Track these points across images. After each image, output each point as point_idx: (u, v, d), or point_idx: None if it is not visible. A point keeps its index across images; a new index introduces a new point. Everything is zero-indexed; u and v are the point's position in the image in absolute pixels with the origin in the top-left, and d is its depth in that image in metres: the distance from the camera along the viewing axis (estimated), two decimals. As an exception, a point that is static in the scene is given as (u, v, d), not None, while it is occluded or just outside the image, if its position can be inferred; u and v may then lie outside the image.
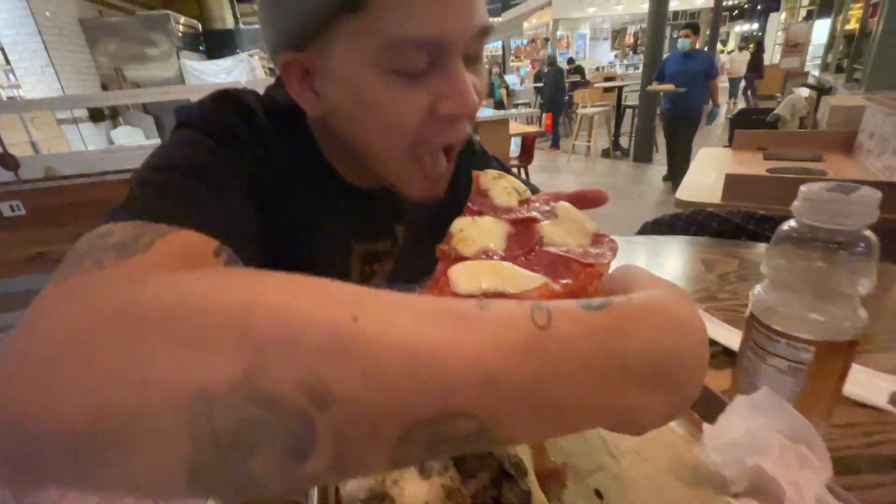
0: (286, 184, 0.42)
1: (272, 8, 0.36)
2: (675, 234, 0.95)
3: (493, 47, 16.51)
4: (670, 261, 0.69)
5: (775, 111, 2.84)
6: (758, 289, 0.33)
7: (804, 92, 3.26)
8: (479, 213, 0.33)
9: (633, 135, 5.45)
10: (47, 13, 4.31)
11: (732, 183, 1.42)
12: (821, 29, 6.80)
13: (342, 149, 0.43)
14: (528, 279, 0.27)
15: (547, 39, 11.42)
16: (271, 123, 0.42)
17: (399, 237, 0.55)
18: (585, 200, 0.35)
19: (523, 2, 12.72)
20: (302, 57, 0.37)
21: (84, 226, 0.30)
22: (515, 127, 4.09)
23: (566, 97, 6.64)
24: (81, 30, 4.77)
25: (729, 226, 0.91)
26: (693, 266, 0.66)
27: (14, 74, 4.55)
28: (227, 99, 0.40)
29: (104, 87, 4.95)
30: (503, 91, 7.89)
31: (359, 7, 0.32)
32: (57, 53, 4.36)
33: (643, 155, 5.13)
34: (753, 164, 1.88)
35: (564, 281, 0.27)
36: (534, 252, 0.30)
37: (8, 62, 4.44)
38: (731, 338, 0.46)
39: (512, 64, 13.10)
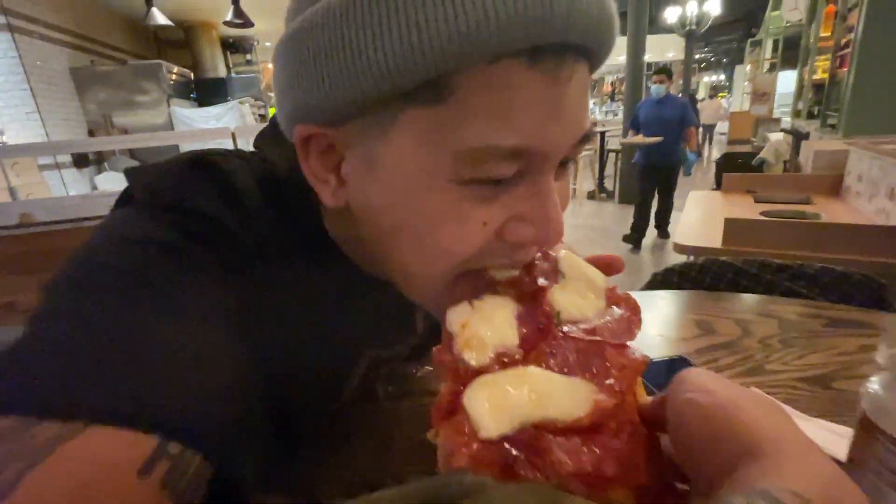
0: (284, 280, 0.33)
1: (299, 73, 0.26)
2: (688, 287, 0.90)
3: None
4: (699, 321, 0.64)
5: (760, 155, 2.93)
6: (874, 385, 0.27)
7: (779, 136, 3.39)
8: (473, 290, 0.27)
9: (618, 177, 5.58)
10: (38, 62, 4.33)
11: (732, 227, 1.40)
12: (785, 79, 7.27)
13: (358, 237, 0.34)
14: (569, 393, 0.22)
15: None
16: (265, 201, 0.32)
17: (417, 326, 0.46)
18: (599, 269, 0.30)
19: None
20: (332, 133, 0.28)
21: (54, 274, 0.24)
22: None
23: None
24: (71, 78, 4.79)
25: (744, 276, 0.87)
26: (727, 328, 0.60)
27: (-2, 121, 4.51)
28: (205, 171, 0.30)
29: (91, 134, 4.92)
30: None
31: (442, 96, 0.24)
32: (44, 100, 4.34)
33: (628, 196, 5.22)
34: (746, 207, 1.88)
35: (608, 382, 0.22)
36: (556, 339, 0.24)
37: (-7, 109, 4.41)
38: (819, 435, 0.39)
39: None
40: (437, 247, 0.28)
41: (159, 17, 4.41)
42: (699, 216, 1.82)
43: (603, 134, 5.94)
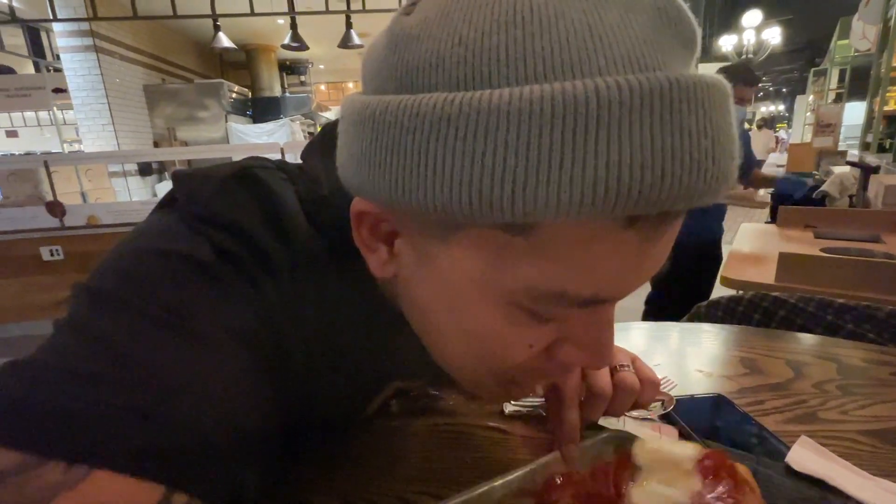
0: (316, 306, 0.30)
1: (383, 163, 0.22)
2: (734, 322, 0.83)
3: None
4: (745, 358, 0.58)
5: (822, 188, 2.73)
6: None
7: (845, 169, 3.16)
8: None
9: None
10: (117, 79, 4.75)
11: (788, 262, 1.30)
12: (852, 110, 6.84)
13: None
14: None
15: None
16: (305, 221, 0.30)
17: None
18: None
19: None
20: (390, 216, 0.26)
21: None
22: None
23: None
24: (143, 94, 5.22)
25: (801, 315, 0.79)
26: (776, 369, 0.54)
27: (78, 131, 4.96)
28: (249, 185, 0.29)
29: (156, 145, 5.31)
30: None
31: (518, 231, 0.21)
32: (118, 114, 4.74)
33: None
34: (804, 243, 1.75)
35: None
36: None
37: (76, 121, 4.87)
38: (882, 498, 0.33)
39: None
40: (475, 356, 0.27)
41: (225, 41, 4.74)
42: (750, 250, 1.71)
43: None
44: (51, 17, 3.19)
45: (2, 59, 7.25)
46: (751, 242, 1.80)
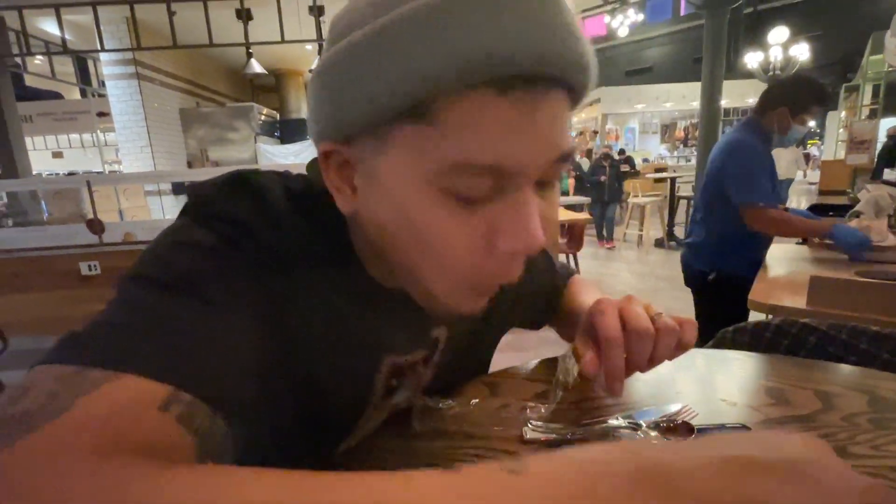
0: (308, 284, 0.36)
1: (325, 92, 0.32)
2: (761, 349, 0.81)
3: (542, 138, 17.42)
4: (771, 388, 0.56)
5: (855, 208, 2.63)
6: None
7: (881, 188, 3.03)
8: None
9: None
10: (155, 104, 5.02)
11: (820, 286, 1.26)
12: (888, 126, 6.62)
13: (375, 257, 0.38)
14: None
15: (595, 132, 11.83)
16: (295, 212, 0.36)
17: (440, 343, 0.48)
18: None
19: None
20: (347, 150, 0.32)
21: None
22: (564, 213, 4.08)
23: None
24: (179, 117, 5.48)
25: (833, 343, 0.77)
26: (803, 400, 0.52)
27: (118, 152, 5.24)
28: (241, 185, 0.35)
29: (189, 165, 5.54)
30: (570, 181, 7.10)
31: (428, 118, 0.28)
32: (155, 136, 4.99)
33: (701, 246, 4.92)
34: (838, 265, 1.68)
35: None
36: None
37: (117, 142, 5.15)
38: None
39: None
40: (429, 250, 0.31)
41: (256, 67, 4.97)
42: (780, 272, 1.66)
43: (673, 180, 5.71)
44: (99, 48, 3.41)
45: (51, 86, 7.76)
46: (780, 264, 1.74)
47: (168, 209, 5.18)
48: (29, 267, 3.10)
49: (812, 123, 1.73)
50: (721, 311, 1.52)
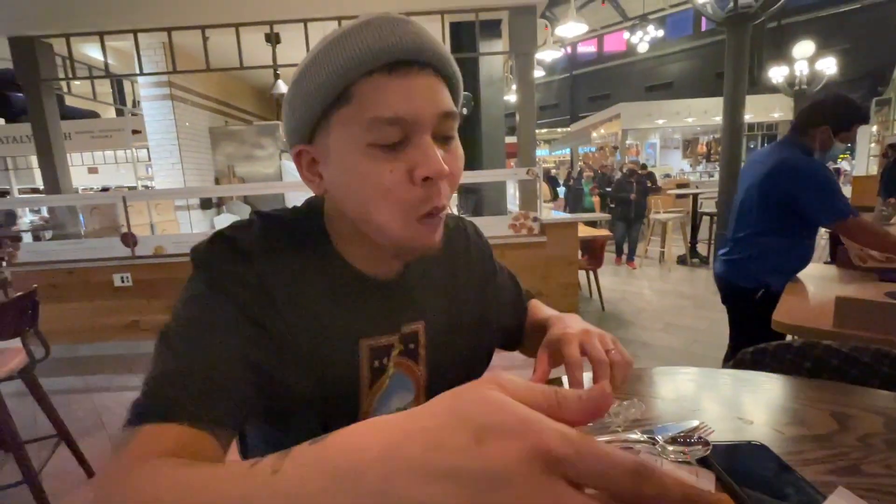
0: (294, 285, 0.47)
1: (289, 111, 0.46)
2: (782, 371, 0.80)
3: (561, 153, 17.33)
4: (788, 408, 0.57)
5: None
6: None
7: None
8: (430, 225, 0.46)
9: (713, 242, 5.18)
10: (187, 123, 5.24)
11: (846, 307, 1.23)
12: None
13: (352, 233, 0.49)
14: None
15: (615, 147, 11.77)
16: (269, 232, 0.49)
17: (419, 337, 0.56)
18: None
19: (591, 115, 13.46)
20: (310, 148, 0.47)
21: (173, 299, 0.45)
22: (584, 230, 4.06)
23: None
24: (209, 135, 5.69)
25: (856, 366, 0.76)
26: (820, 420, 0.52)
27: (151, 169, 5.46)
28: (219, 241, 0.47)
29: (217, 181, 5.73)
30: (595, 198, 6.85)
31: (348, 100, 0.43)
32: (186, 153, 5.20)
33: (725, 263, 4.80)
34: (867, 286, 1.64)
35: None
36: None
37: (149, 159, 5.38)
38: None
39: (579, 168, 13.53)
40: (373, 189, 0.43)
41: (283, 87, 5.15)
42: (807, 292, 1.62)
43: (696, 196, 5.62)
44: (138, 72, 3.60)
45: (91, 106, 8.17)
46: (807, 283, 1.71)
47: (196, 223, 5.35)
48: (66, 278, 3.25)
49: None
50: (765, 330, 1.43)
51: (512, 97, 6.04)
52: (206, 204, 5.57)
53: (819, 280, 1.73)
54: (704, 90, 11.91)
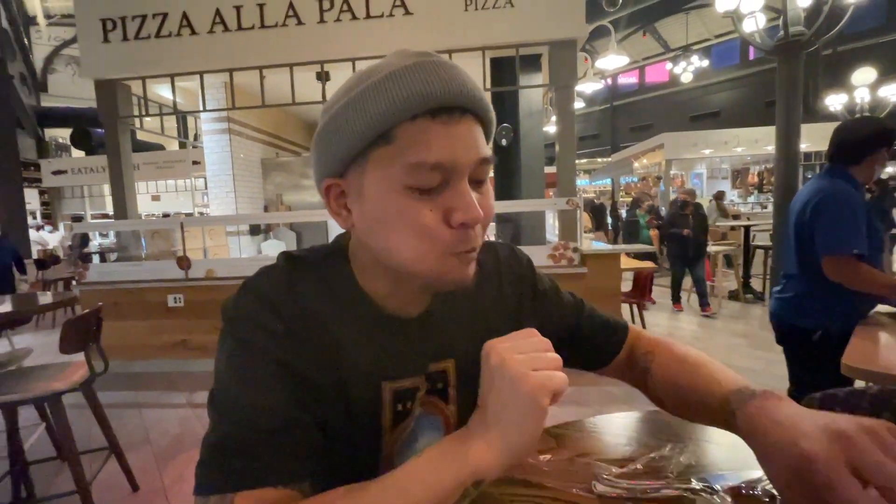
0: (319, 329, 0.47)
1: (323, 145, 0.46)
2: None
3: (602, 183, 17.10)
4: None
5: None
6: None
7: None
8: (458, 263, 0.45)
9: (768, 277, 4.88)
10: (241, 154, 5.60)
11: (928, 352, 1.11)
12: None
13: (374, 268, 0.49)
14: None
15: (659, 178, 11.50)
16: (292, 276, 0.49)
17: (448, 376, 0.53)
18: None
19: (632, 145, 13.29)
20: (341, 181, 0.47)
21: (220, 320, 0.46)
22: (628, 262, 3.93)
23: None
24: (261, 166, 6.04)
25: (945, 417, 0.68)
26: None
27: (207, 197, 5.84)
28: (244, 294, 0.48)
29: (266, 209, 6.03)
30: (653, 232, 5.96)
31: (389, 140, 0.43)
32: (239, 183, 5.52)
33: (782, 300, 4.49)
34: (952, 328, 1.48)
35: None
36: None
37: (206, 187, 5.76)
38: None
39: (621, 199, 13.27)
40: (413, 242, 0.43)
41: (331, 120, 5.42)
42: (881, 332, 1.48)
43: (747, 228, 5.36)
44: (202, 109, 3.92)
45: (159, 139, 8.92)
46: (883, 325, 1.56)
47: (244, 248, 5.63)
48: (127, 297, 3.47)
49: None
50: (824, 375, 1.34)
51: (551, 128, 6.07)
52: (255, 230, 5.86)
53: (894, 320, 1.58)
54: (754, 119, 11.51)
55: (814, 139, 8.74)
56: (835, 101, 8.79)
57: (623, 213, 10.15)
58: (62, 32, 11.75)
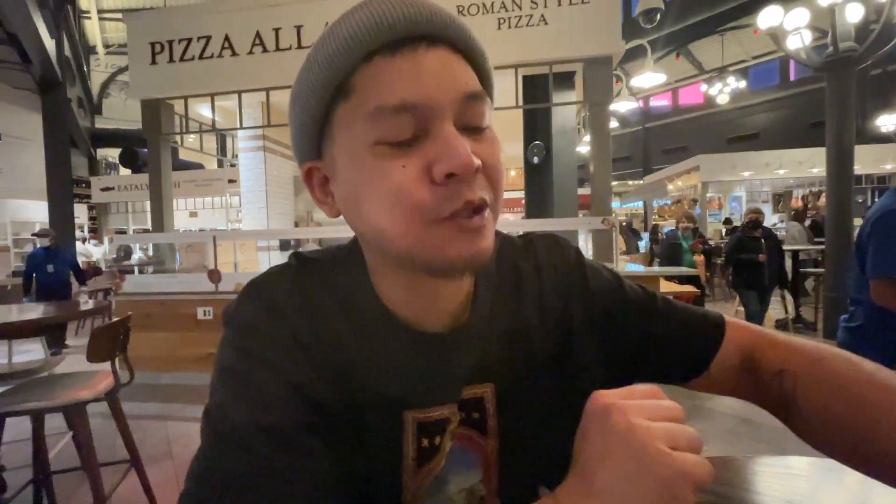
0: (329, 341, 0.39)
1: (292, 121, 0.40)
2: None
3: (633, 206, 16.75)
4: None
5: None
6: None
7: None
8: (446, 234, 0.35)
9: (821, 306, 4.56)
10: (275, 172, 5.75)
11: None
12: None
13: (382, 265, 0.41)
14: None
15: (695, 200, 11.15)
16: (304, 289, 0.41)
17: (486, 403, 0.43)
18: None
19: (665, 167, 12.99)
20: (319, 164, 0.40)
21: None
22: (668, 286, 3.74)
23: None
24: (293, 183, 6.19)
25: None
26: None
27: (240, 213, 6.00)
28: (247, 295, 0.42)
29: (296, 225, 6.14)
30: (699, 258, 4.84)
31: (348, 94, 0.36)
32: (272, 199, 5.66)
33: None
34: None
35: None
36: None
37: (240, 204, 5.93)
38: None
39: (654, 222, 12.93)
40: (383, 197, 0.34)
41: (362, 139, 5.53)
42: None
43: (796, 253, 5.06)
44: (239, 126, 4.06)
45: (198, 157, 9.34)
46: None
47: (274, 263, 5.71)
48: (159, 309, 3.53)
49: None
50: None
51: (582, 148, 5.97)
52: (284, 245, 5.96)
53: None
54: (797, 141, 11.06)
55: (865, 161, 8.31)
56: (887, 122, 8.35)
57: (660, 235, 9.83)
58: (118, 60, 12.63)
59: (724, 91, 13.15)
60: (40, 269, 4.47)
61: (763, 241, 4.04)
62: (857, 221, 3.76)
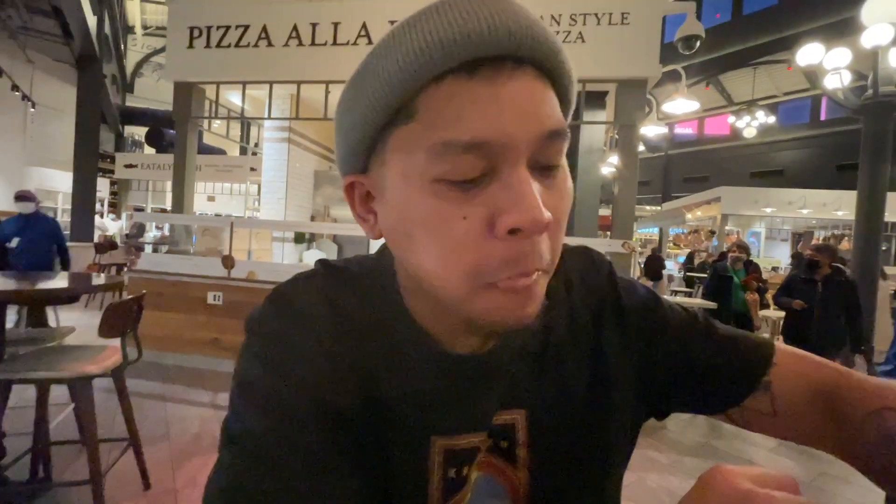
0: (357, 358, 0.37)
1: (339, 130, 0.36)
2: None
3: (648, 232, 16.57)
4: None
5: None
6: None
7: None
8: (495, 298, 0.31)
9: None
10: (297, 164, 5.77)
11: None
12: None
13: (418, 289, 0.37)
14: None
15: (713, 232, 10.98)
16: (332, 299, 0.39)
17: (517, 431, 0.40)
18: None
19: (684, 196, 12.85)
20: (364, 179, 0.36)
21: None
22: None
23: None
24: (313, 177, 6.21)
25: None
26: None
27: (258, 202, 6.05)
28: (271, 303, 0.39)
29: (312, 219, 6.16)
30: (752, 296, 3.79)
31: (410, 115, 0.30)
32: (291, 191, 5.68)
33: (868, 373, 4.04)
34: None
35: None
36: None
37: (259, 193, 5.97)
38: None
39: (669, 251, 12.77)
40: (435, 242, 0.31)
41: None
42: None
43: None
44: (266, 117, 4.09)
45: (222, 143, 9.46)
46: None
47: (287, 255, 5.74)
48: (170, 289, 3.54)
49: None
50: None
51: (605, 169, 5.93)
52: (299, 238, 5.97)
53: None
54: (822, 182, 10.88)
55: (892, 209, 8.12)
56: (918, 171, 8.17)
57: (669, 265, 9.59)
58: (154, 42, 12.92)
59: (751, 125, 13.01)
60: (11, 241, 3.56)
61: (820, 286, 3.12)
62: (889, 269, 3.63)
